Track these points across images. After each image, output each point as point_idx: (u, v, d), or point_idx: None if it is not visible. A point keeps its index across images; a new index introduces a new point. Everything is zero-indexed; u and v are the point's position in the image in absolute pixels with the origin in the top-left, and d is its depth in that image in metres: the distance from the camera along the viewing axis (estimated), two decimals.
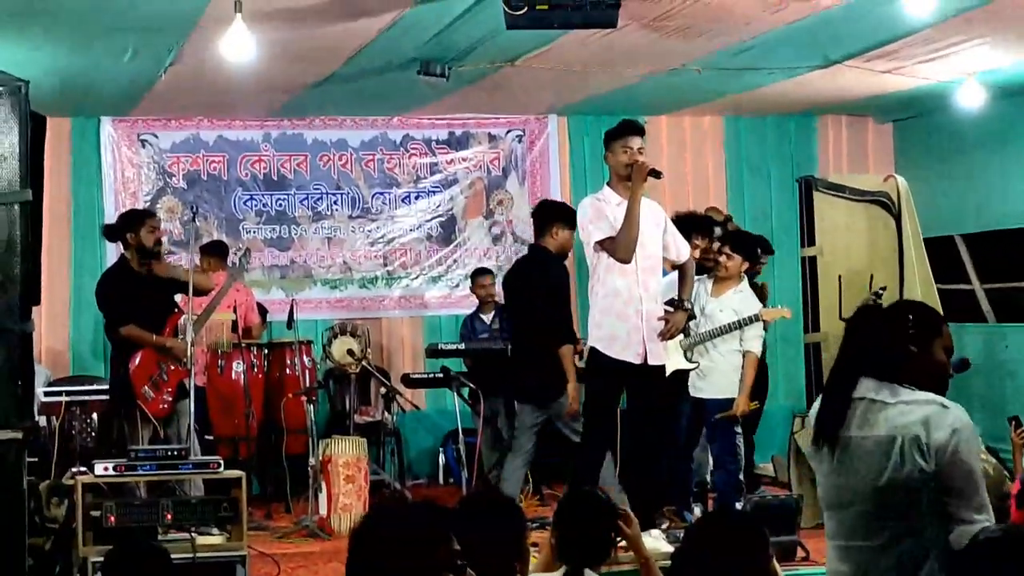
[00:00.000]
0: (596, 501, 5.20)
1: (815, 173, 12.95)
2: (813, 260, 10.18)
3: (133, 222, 9.93)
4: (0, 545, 6.38)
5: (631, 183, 8.23)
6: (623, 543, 5.38)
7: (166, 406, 9.68)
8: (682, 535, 4.55)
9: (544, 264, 9.75)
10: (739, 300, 9.60)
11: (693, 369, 9.54)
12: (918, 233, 10.02)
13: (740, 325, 9.50)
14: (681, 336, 8.99)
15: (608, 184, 8.49)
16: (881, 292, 9.53)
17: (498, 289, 12.63)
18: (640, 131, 8.43)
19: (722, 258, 9.69)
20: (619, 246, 8.21)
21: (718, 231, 10.42)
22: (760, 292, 10.25)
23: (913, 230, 9.97)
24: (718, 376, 9.62)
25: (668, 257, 8.66)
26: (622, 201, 8.28)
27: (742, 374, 9.58)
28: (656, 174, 8.30)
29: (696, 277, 9.54)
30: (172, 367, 9.67)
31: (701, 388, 9.71)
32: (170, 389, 9.68)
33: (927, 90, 12.26)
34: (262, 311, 12.19)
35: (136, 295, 9.70)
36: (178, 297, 10.01)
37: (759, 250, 10.40)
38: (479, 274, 12.77)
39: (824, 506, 4.46)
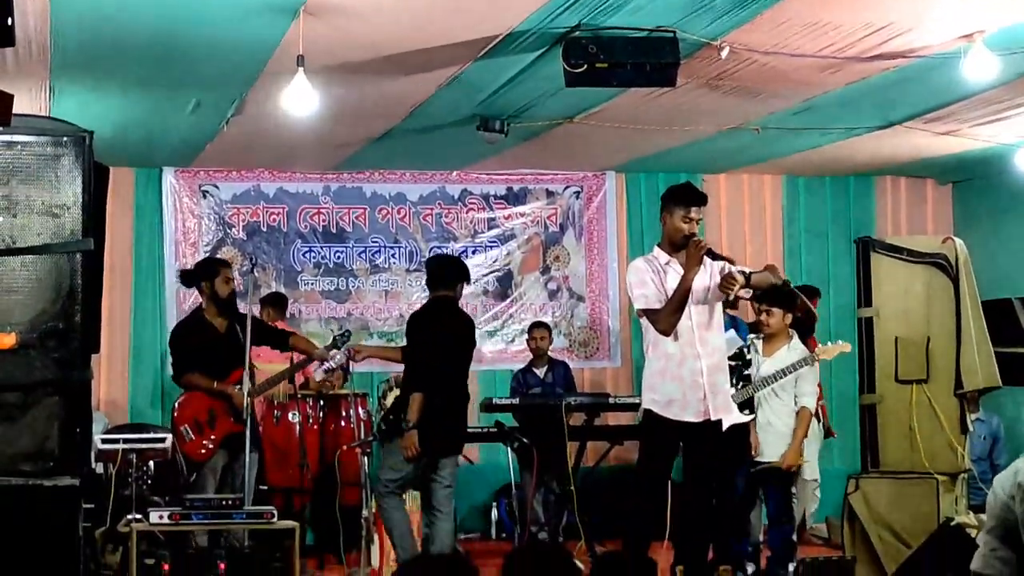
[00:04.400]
0: (635, 561, 5.16)
1: (873, 234, 12.91)
2: (870, 321, 10.12)
3: (210, 271, 10.03)
4: None
5: (686, 260, 8.06)
6: None
7: (204, 451, 9.70)
8: None
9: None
10: (792, 357, 9.57)
11: (748, 422, 9.47)
12: (976, 295, 9.95)
13: (793, 368, 9.45)
14: (733, 390, 8.93)
15: (659, 245, 8.39)
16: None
17: (555, 344, 12.78)
18: (703, 201, 8.28)
19: (763, 316, 9.67)
20: (661, 320, 8.08)
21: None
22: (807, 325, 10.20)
23: (971, 292, 9.91)
24: (773, 438, 9.56)
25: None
26: (670, 260, 8.20)
27: (794, 428, 9.54)
28: (714, 255, 8.17)
29: (750, 337, 9.54)
30: (223, 417, 9.68)
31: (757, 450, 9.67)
32: (213, 436, 9.69)
33: (987, 152, 12.23)
34: None
35: (206, 345, 9.77)
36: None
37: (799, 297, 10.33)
38: (535, 327, 12.81)
39: None
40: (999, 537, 4.44)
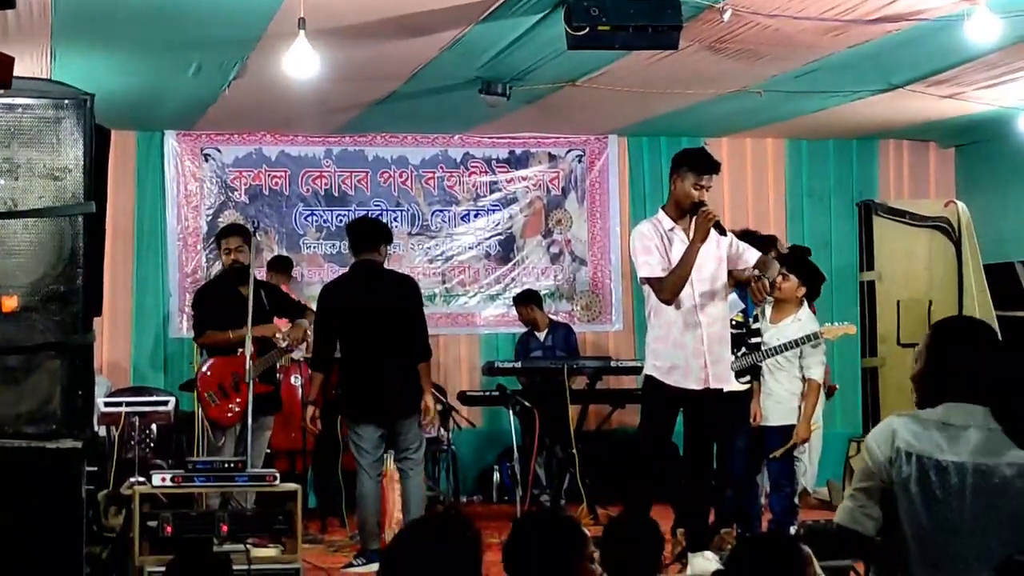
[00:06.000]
0: (643, 525, 5.18)
1: (875, 198, 12.91)
2: (872, 284, 10.15)
3: (217, 240, 10.17)
4: (58, 554, 6.43)
5: (694, 229, 8.02)
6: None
7: (231, 415, 9.78)
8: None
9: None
10: (797, 328, 9.47)
11: (744, 390, 9.46)
12: (978, 259, 9.98)
13: (797, 344, 9.43)
14: (733, 358, 8.92)
15: (664, 208, 8.36)
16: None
17: (558, 307, 12.83)
18: (717, 169, 8.22)
19: (779, 278, 9.57)
20: (664, 289, 8.04)
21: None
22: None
23: (973, 256, 9.94)
24: (776, 404, 9.55)
25: (737, 269, 8.41)
26: (675, 226, 8.17)
27: (803, 401, 9.51)
28: (721, 230, 8.13)
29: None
30: (246, 382, 9.69)
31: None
32: (239, 400, 9.74)
33: (990, 116, 12.21)
34: None
35: (225, 307, 9.82)
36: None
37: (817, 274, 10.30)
38: (515, 301, 12.92)
39: None
40: (869, 494, 4.42)
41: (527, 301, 12.75)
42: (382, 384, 9.24)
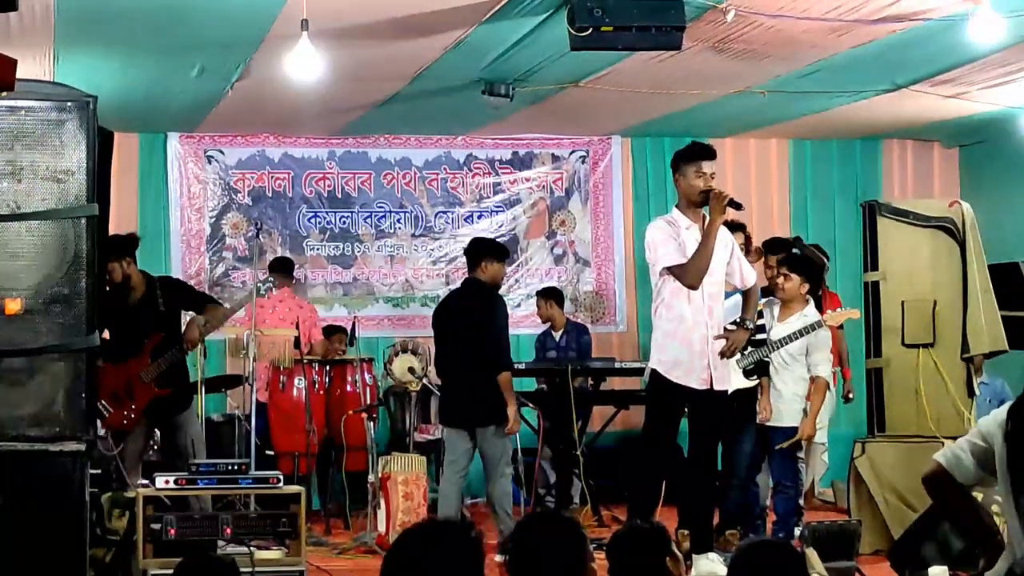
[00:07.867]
0: (650, 533, 5.14)
1: (879, 198, 12.87)
2: (876, 285, 10.10)
3: None
4: (62, 556, 6.44)
5: (709, 212, 8.05)
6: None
7: (127, 422, 9.43)
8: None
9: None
10: (802, 323, 9.53)
11: (753, 387, 9.46)
12: (983, 259, 9.93)
13: (801, 334, 9.42)
14: (738, 356, 8.93)
15: (677, 207, 8.37)
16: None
17: (568, 308, 12.89)
18: (712, 155, 8.27)
19: (780, 279, 9.62)
20: (689, 273, 8.08)
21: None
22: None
23: (978, 256, 9.89)
24: (782, 404, 9.54)
25: (732, 283, 8.57)
26: (691, 225, 8.18)
27: (811, 398, 9.50)
28: (736, 205, 8.14)
29: (763, 299, 9.49)
30: (142, 386, 9.45)
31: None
32: (134, 406, 9.46)
33: (994, 116, 12.21)
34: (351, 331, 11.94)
35: (113, 313, 9.26)
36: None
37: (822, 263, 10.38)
38: (537, 296, 12.88)
39: None
40: (972, 451, 4.79)
41: (547, 297, 12.76)
42: (461, 393, 9.68)
